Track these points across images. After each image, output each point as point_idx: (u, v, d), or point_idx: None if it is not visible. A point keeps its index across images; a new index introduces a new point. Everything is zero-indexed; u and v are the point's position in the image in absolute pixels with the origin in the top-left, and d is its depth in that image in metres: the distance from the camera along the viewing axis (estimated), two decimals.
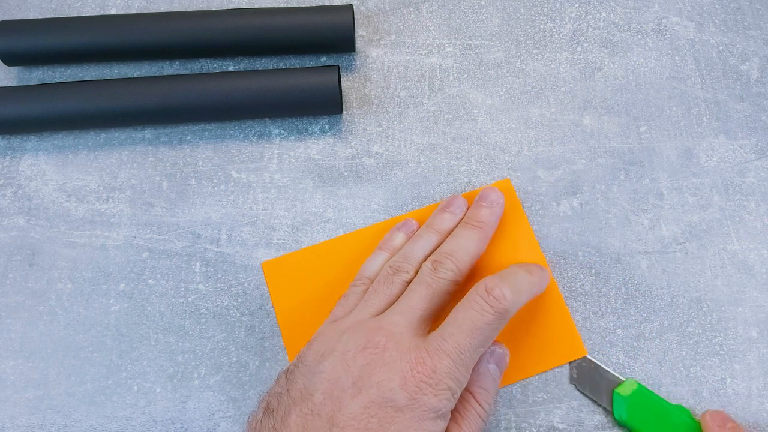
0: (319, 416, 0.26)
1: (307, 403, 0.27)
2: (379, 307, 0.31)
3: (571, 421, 0.33)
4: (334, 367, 0.28)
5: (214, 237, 0.37)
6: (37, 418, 0.33)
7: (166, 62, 0.40)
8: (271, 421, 0.27)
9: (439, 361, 0.27)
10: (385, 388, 0.26)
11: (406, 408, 0.26)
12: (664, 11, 0.41)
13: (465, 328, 0.28)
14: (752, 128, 0.38)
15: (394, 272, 0.32)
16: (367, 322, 0.29)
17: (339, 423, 0.26)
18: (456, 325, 0.28)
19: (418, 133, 0.39)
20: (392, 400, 0.26)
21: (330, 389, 0.27)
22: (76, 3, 0.42)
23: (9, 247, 0.37)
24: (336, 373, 0.27)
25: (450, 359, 0.27)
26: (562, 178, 0.37)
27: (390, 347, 0.28)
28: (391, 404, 0.26)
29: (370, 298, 0.31)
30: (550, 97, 0.39)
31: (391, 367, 0.27)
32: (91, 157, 0.38)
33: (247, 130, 0.39)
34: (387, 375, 0.27)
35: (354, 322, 0.30)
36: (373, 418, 0.26)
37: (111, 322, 0.35)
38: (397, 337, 0.28)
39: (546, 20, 0.41)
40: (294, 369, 0.29)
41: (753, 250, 0.36)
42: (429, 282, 0.31)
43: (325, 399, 0.27)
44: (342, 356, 0.28)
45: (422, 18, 0.41)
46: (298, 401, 0.27)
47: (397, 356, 0.27)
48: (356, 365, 0.27)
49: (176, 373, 0.34)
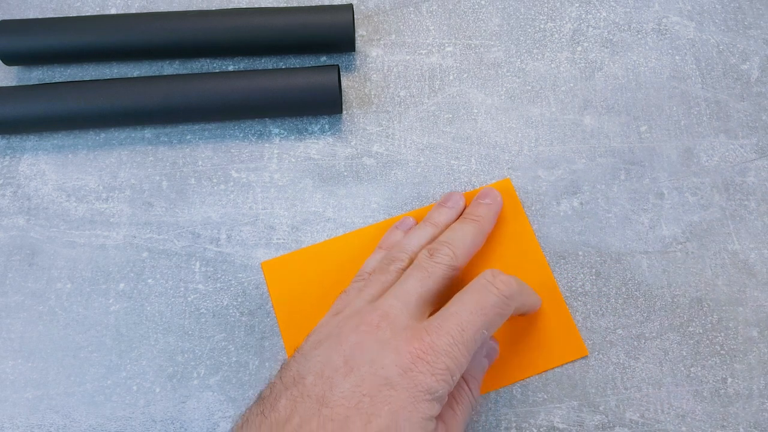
0: (308, 397, 0.25)
1: (298, 387, 0.26)
2: (374, 295, 0.30)
3: (571, 421, 0.33)
4: (327, 349, 0.27)
5: (213, 237, 0.37)
6: (37, 418, 0.33)
7: (166, 62, 0.40)
8: (260, 407, 0.26)
9: (438, 338, 0.26)
10: (378, 365, 0.25)
11: (399, 386, 0.25)
12: (665, 11, 0.41)
13: (470, 307, 0.27)
14: (753, 128, 0.38)
15: (389, 262, 0.32)
16: (363, 307, 0.29)
17: (329, 403, 0.25)
18: (460, 304, 0.27)
19: (418, 132, 0.39)
20: (385, 378, 0.25)
21: (321, 370, 0.26)
22: (76, 3, 0.42)
23: (8, 247, 0.36)
24: (328, 355, 0.26)
25: (451, 337, 0.26)
26: (562, 177, 0.37)
27: (384, 326, 0.27)
28: (384, 382, 0.25)
29: (366, 287, 0.31)
30: (550, 97, 0.39)
31: (384, 344, 0.26)
32: (91, 157, 0.38)
33: (246, 130, 0.39)
34: (380, 352, 0.26)
35: (351, 311, 0.29)
36: (365, 397, 0.25)
37: (110, 322, 0.35)
38: (392, 318, 0.27)
39: (546, 20, 0.41)
40: (290, 360, 0.28)
41: (753, 249, 0.36)
42: (425, 266, 0.30)
43: (315, 380, 0.26)
44: (336, 339, 0.27)
45: (422, 18, 0.41)
46: (289, 386, 0.26)
47: (391, 335, 0.26)
48: (348, 343, 0.26)
49: (176, 372, 0.34)
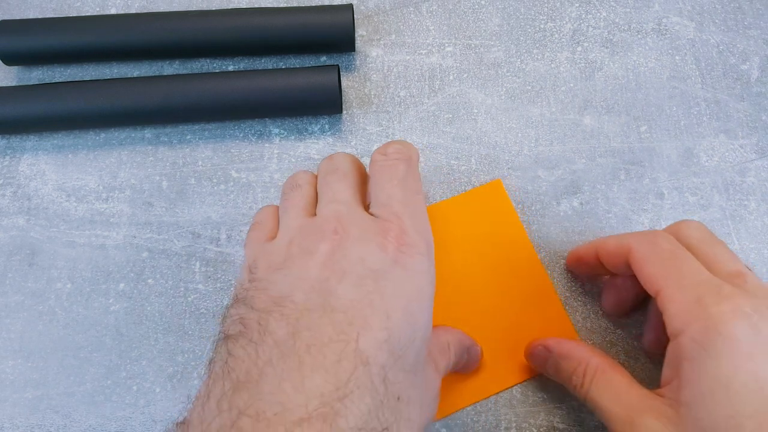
0: (308, 311, 0.23)
1: (286, 306, 0.23)
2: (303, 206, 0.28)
3: (571, 421, 0.33)
4: (301, 265, 0.25)
5: (213, 237, 0.37)
6: (37, 418, 0.33)
7: (166, 62, 0.40)
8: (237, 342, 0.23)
9: (400, 222, 0.26)
10: (369, 262, 0.24)
11: (398, 276, 0.24)
12: (665, 11, 0.41)
13: (393, 186, 0.27)
14: (753, 128, 0.38)
15: (291, 188, 0.30)
16: (304, 221, 0.27)
17: (337, 308, 0.23)
18: (384, 192, 0.27)
19: (418, 132, 0.39)
20: (383, 272, 0.24)
21: (309, 285, 0.24)
22: (76, 3, 0.42)
23: (8, 247, 0.36)
24: (306, 269, 0.24)
25: (407, 216, 0.26)
26: (562, 177, 0.37)
27: (349, 229, 0.25)
28: (383, 276, 0.24)
29: (286, 207, 0.29)
30: (550, 97, 0.39)
31: (363, 242, 0.25)
32: (91, 157, 0.38)
33: (246, 130, 0.39)
34: (364, 249, 0.25)
35: (292, 229, 0.27)
36: (373, 294, 0.23)
37: (110, 322, 0.35)
38: (348, 219, 0.26)
39: (546, 20, 0.41)
40: (243, 293, 0.25)
41: (753, 249, 0.36)
42: (334, 169, 0.29)
43: (307, 294, 0.23)
44: (305, 253, 0.25)
45: (422, 18, 0.41)
46: (271, 309, 0.23)
47: (361, 233, 0.25)
48: (322, 252, 0.24)
49: (176, 373, 0.34)
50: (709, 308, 0.24)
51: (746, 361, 0.23)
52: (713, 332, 0.24)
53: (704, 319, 0.24)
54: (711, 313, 0.24)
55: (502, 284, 0.35)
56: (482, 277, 0.35)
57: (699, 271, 0.26)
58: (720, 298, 0.24)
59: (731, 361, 0.23)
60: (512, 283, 0.35)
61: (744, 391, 0.23)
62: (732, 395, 0.23)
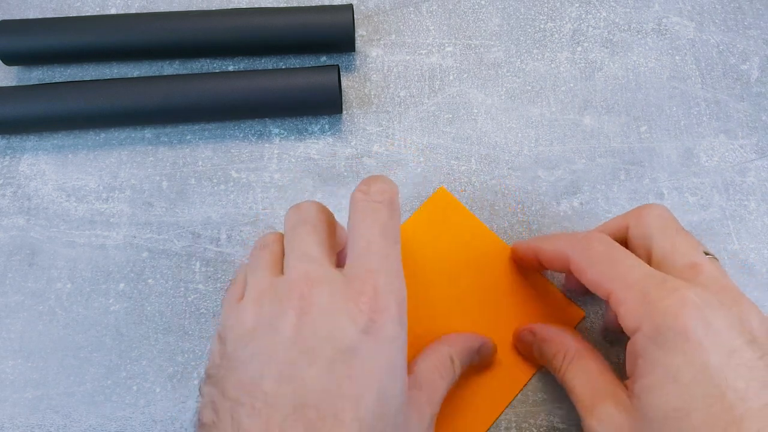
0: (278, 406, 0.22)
1: (256, 397, 0.22)
2: (270, 264, 0.27)
3: (571, 421, 0.33)
4: (268, 341, 0.24)
5: (213, 237, 0.37)
6: (37, 418, 0.33)
7: (166, 62, 0.40)
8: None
9: (375, 282, 0.24)
10: (338, 338, 0.23)
11: (370, 350, 0.23)
12: (665, 11, 0.41)
13: (374, 233, 0.25)
14: (753, 128, 0.38)
15: (260, 248, 0.28)
16: (271, 282, 0.26)
17: (308, 401, 0.22)
18: (364, 239, 0.25)
19: (418, 133, 0.39)
20: (352, 348, 0.23)
21: (277, 370, 0.23)
22: (76, 3, 0.42)
23: (8, 247, 0.36)
24: (274, 347, 0.23)
25: (383, 274, 0.24)
26: (562, 177, 0.37)
27: (318, 293, 0.24)
28: (354, 353, 0.23)
29: (254, 266, 0.27)
30: (550, 97, 0.39)
31: (331, 313, 0.23)
32: (91, 157, 0.38)
33: (247, 130, 0.39)
34: (332, 322, 0.23)
35: (257, 291, 0.26)
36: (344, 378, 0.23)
37: (110, 322, 0.35)
38: (317, 280, 0.24)
39: (546, 20, 0.41)
40: (215, 371, 0.25)
41: (753, 249, 0.36)
42: (302, 220, 0.27)
43: (278, 384, 0.22)
44: (272, 327, 0.24)
45: (422, 18, 0.41)
46: (243, 401, 0.22)
47: (330, 299, 0.24)
48: (287, 326, 0.23)
49: (176, 373, 0.34)
50: (657, 303, 0.24)
51: (696, 354, 0.23)
52: (664, 327, 0.24)
53: (654, 314, 0.24)
54: (659, 308, 0.24)
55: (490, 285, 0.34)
56: (468, 284, 0.34)
57: (639, 267, 0.26)
58: (666, 292, 0.24)
59: (681, 354, 0.23)
60: (501, 280, 0.34)
61: (692, 384, 0.23)
62: (681, 387, 0.23)
